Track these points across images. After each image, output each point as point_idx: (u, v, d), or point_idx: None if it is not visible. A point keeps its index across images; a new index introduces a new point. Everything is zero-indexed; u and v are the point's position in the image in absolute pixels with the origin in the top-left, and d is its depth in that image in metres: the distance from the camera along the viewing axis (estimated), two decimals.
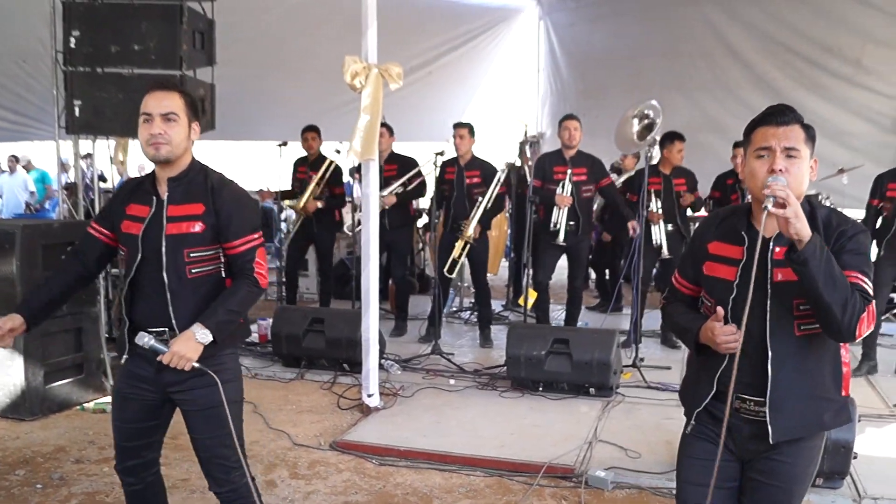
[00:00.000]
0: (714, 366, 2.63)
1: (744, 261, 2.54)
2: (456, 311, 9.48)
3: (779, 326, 2.51)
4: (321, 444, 5.38)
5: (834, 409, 2.61)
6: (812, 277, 2.31)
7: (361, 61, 5.50)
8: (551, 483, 4.77)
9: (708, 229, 2.77)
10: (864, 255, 2.51)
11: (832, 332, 2.44)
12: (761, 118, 2.54)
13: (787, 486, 2.64)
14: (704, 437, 2.69)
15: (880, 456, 5.18)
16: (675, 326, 2.91)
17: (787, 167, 2.44)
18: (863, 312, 2.38)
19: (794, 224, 2.30)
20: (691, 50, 10.58)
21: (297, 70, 10.06)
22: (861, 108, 9.93)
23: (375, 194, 5.81)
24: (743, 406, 2.60)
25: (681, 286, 2.88)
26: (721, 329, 2.50)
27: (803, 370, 2.54)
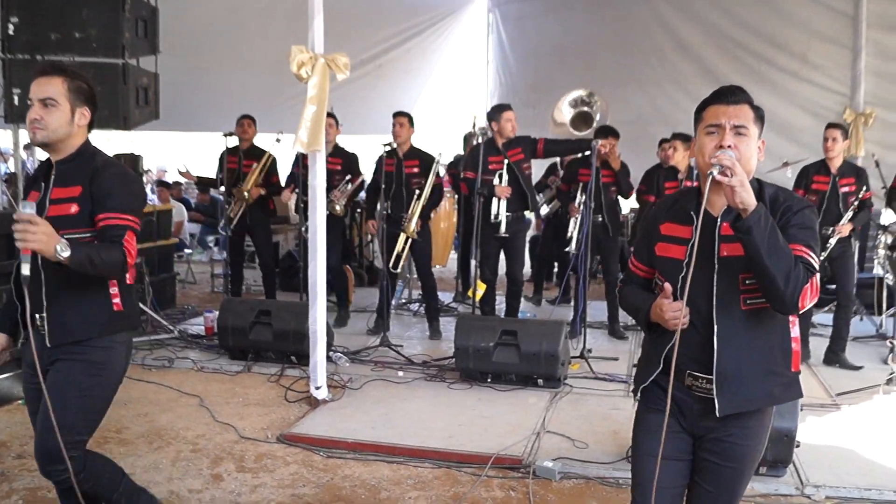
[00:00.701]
0: (663, 343, 2.67)
1: (693, 239, 2.58)
2: (405, 303, 9.47)
3: (725, 301, 2.56)
4: (268, 437, 5.33)
5: (783, 383, 2.65)
6: (756, 246, 2.35)
7: (308, 51, 5.45)
8: (499, 474, 4.77)
9: (661, 212, 2.82)
10: (809, 229, 2.56)
11: (776, 303, 2.47)
12: (713, 97, 2.61)
13: (737, 466, 2.68)
14: (656, 409, 2.72)
15: (822, 444, 5.26)
16: (629, 307, 2.92)
17: (736, 144, 2.49)
18: (806, 284, 2.42)
19: (740, 193, 2.34)
20: (642, 44, 10.66)
21: (245, 60, 9.96)
22: (806, 103, 10.09)
23: (322, 185, 5.77)
24: (695, 384, 2.64)
25: (636, 269, 2.94)
26: (669, 305, 2.57)
27: (750, 344, 2.58)
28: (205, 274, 11.24)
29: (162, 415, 5.70)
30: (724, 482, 2.71)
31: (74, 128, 3.11)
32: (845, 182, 6.81)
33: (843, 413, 5.96)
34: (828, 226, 6.79)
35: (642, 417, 2.84)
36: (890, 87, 9.60)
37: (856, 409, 6.04)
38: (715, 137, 2.54)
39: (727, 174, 2.36)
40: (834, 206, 6.83)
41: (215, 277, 10.56)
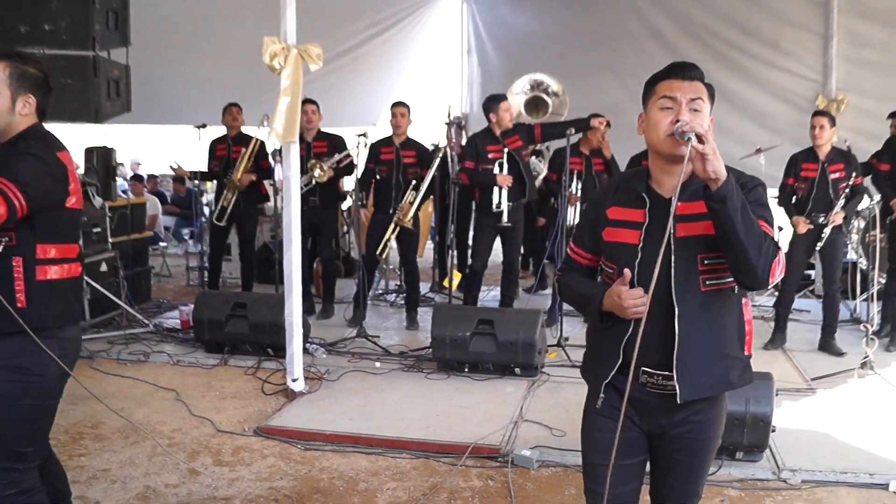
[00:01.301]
0: (619, 333, 2.53)
1: (647, 223, 2.49)
2: (381, 294, 9.45)
3: (684, 283, 2.44)
4: (245, 430, 5.31)
5: (739, 368, 2.58)
6: (730, 217, 2.25)
7: (280, 42, 5.42)
8: (477, 463, 4.78)
9: (605, 196, 2.68)
10: (765, 205, 2.48)
11: (746, 277, 2.38)
12: (667, 71, 2.51)
13: (700, 457, 2.64)
14: (609, 416, 2.59)
15: (798, 428, 5.31)
16: (574, 296, 2.77)
17: (692, 119, 2.38)
18: (775, 257, 2.36)
19: (713, 161, 2.23)
20: (616, 32, 10.66)
21: (218, 52, 9.86)
22: (779, 90, 10.14)
23: (296, 177, 5.73)
24: (650, 381, 2.53)
25: (578, 256, 2.76)
26: (629, 293, 2.42)
27: (710, 327, 2.49)
28: (180, 267, 11.18)
29: (138, 409, 5.65)
30: (689, 473, 2.66)
31: (16, 116, 3.01)
32: (834, 168, 6.80)
33: (818, 397, 6.02)
34: (818, 213, 6.82)
35: (594, 420, 2.68)
36: (861, 73, 9.66)
37: (831, 393, 6.10)
38: (670, 112, 2.42)
39: (703, 141, 2.24)
40: (823, 194, 6.83)
41: (191, 270, 10.50)
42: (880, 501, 4.40)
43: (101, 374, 6.43)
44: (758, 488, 4.53)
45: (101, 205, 7.82)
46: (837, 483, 4.58)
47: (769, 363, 6.75)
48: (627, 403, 2.46)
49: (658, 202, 2.48)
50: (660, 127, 2.43)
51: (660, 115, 2.45)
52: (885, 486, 4.51)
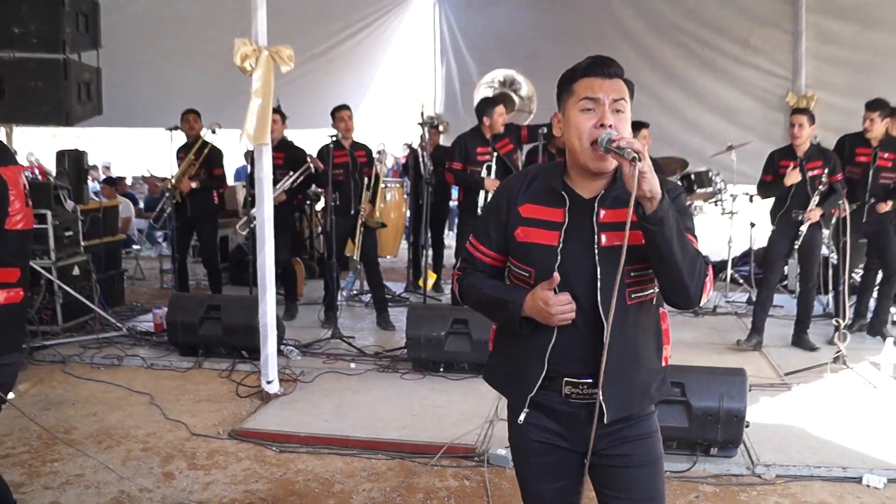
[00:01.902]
0: (542, 342, 2.32)
1: (566, 224, 2.29)
2: (356, 295, 9.43)
3: (610, 296, 2.20)
4: (220, 433, 5.28)
5: (658, 380, 2.43)
6: (667, 239, 2.11)
7: (251, 44, 5.39)
8: (453, 463, 4.78)
9: (515, 190, 2.43)
10: (689, 216, 2.34)
11: (679, 298, 2.25)
12: (586, 68, 2.27)
13: (647, 465, 2.43)
14: (537, 439, 2.43)
15: (772, 423, 5.35)
16: (483, 299, 2.47)
17: (615, 123, 2.22)
18: (706, 276, 2.23)
19: (650, 180, 2.06)
20: (587, 32, 10.67)
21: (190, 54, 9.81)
22: (749, 87, 10.22)
23: (269, 178, 5.70)
24: (574, 391, 2.33)
25: (482, 255, 2.51)
26: (556, 299, 2.23)
27: (633, 341, 2.32)
28: (154, 270, 11.11)
29: (111, 414, 5.62)
30: (642, 485, 2.42)
31: None
32: (812, 166, 6.84)
33: (792, 392, 6.06)
34: (797, 210, 6.86)
35: (523, 446, 2.49)
36: (830, 70, 9.75)
37: (805, 388, 6.15)
38: (592, 115, 2.23)
39: (639, 158, 2.06)
40: (802, 191, 6.87)
41: (164, 273, 10.44)
42: (853, 495, 4.43)
43: (74, 378, 6.39)
44: (732, 484, 4.55)
45: (73, 208, 7.75)
46: (811, 477, 4.62)
47: (743, 359, 6.82)
48: (551, 419, 2.38)
49: (577, 202, 2.30)
50: (582, 132, 2.24)
51: (581, 117, 2.25)
52: (858, 480, 4.56)
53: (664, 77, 10.42)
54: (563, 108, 2.33)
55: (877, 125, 7.08)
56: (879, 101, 7.09)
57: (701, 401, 4.61)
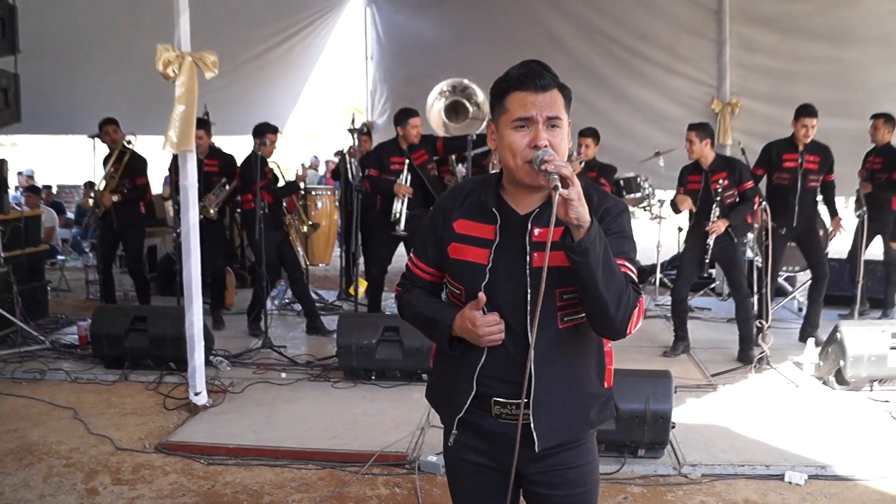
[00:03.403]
0: (471, 363, 2.26)
1: (497, 242, 2.21)
2: (288, 304, 9.35)
3: (541, 318, 2.12)
4: (146, 446, 5.18)
5: (599, 405, 2.34)
6: (591, 270, 2.01)
7: (174, 50, 5.31)
8: (384, 471, 4.76)
9: (451, 206, 2.35)
10: (628, 238, 2.25)
11: (603, 329, 2.17)
12: (517, 80, 2.15)
13: (583, 488, 2.37)
14: (468, 459, 2.39)
15: (699, 424, 5.45)
16: (418, 317, 2.41)
17: (551, 139, 2.13)
18: (635, 308, 2.13)
19: (577, 207, 1.97)
20: (516, 38, 10.72)
21: (114, 60, 9.64)
22: (676, 94, 10.38)
23: (194, 186, 5.62)
24: (504, 412, 2.26)
25: (420, 271, 2.45)
26: (483, 319, 2.17)
27: (567, 365, 2.25)
28: (80, 281, 10.88)
29: (33, 430, 5.47)
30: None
31: None
32: (717, 177, 6.92)
33: (718, 393, 6.18)
34: (706, 221, 6.94)
35: (454, 465, 2.46)
36: (753, 77, 9.95)
37: (730, 388, 6.28)
38: (526, 133, 2.13)
39: (567, 185, 1.98)
40: (707, 203, 6.95)
41: (91, 284, 10.23)
42: (776, 492, 4.52)
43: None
44: (660, 484, 4.61)
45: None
46: (736, 476, 4.71)
47: (672, 361, 6.95)
48: (481, 439, 2.33)
49: (510, 218, 2.21)
50: (515, 151, 2.15)
51: (514, 136, 2.15)
52: (781, 477, 4.67)
53: (593, 84, 10.52)
54: (496, 121, 2.24)
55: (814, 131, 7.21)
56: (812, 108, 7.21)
57: (627, 403, 4.65)
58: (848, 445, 5.08)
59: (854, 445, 5.08)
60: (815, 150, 7.27)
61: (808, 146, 7.24)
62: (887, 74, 9.21)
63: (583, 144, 7.55)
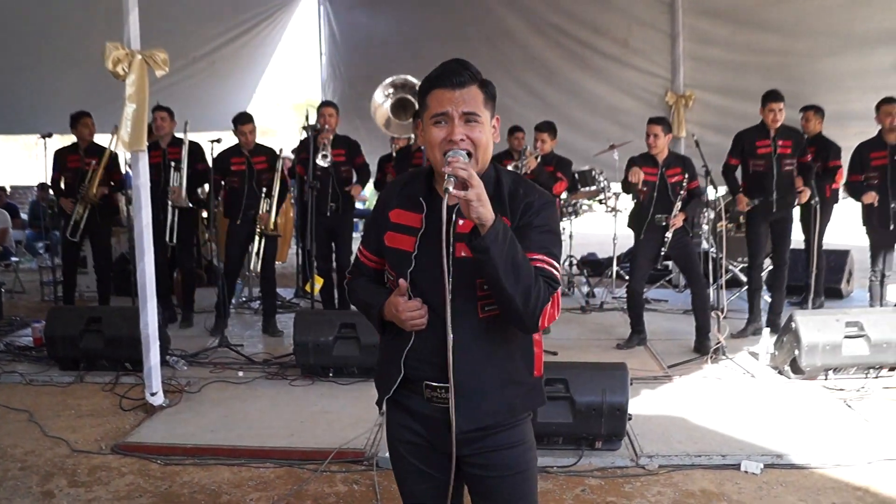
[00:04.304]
0: (400, 346, 2.37)
1: (422, 230, 2.31)
2: (245, 302, 9.29)
3: (462, 306, 2.25)
4: (102, 448, 5.13)
5: (524, 392, 2.41)
6: (493, 266, 2.10)
7: (123, 48, 5.25)
8: (342, 468, 4.75)
9: (391, 196, 2.47)
10: (551, 232, 2.33)
11: (513, 322, 2.24)
12: (435, 78, 2.28)
13: (515, 472, 2.44)
14: (404, 440, 2.49)
15: (656, 415, 5.50)
16: (359, 303, 2.55)
17: (468, 135, 2.23)
18: (547, 303, 2.20)
19: (476, 208, 2.06)
20: (470, 33, 10.73)
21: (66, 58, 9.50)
22: (630, 87, 10.40)
23: (146, 186, 5.56)
24: (434, 395, 2.34)
25: (366, 259, 2.57)
26: (405, 304, 2.28)
27: (490, 353, 2.33)
28: (34, 282, 10.73)
29: None
30: (507, 494, 2.45)
31: None
32: (672, 172, 7.04)
33: (675, 384, 6.24)
34: (661, 215, 7.02)
35: (394, 447, 2.54)
36: (707, 69, 9.99)
37: (686, 379, 6.35)
38: (444, 128, 2.24)
39: (463, 185, 2.07)
40: (664, 197, 7.04)
41: (45, 285, 10.10)
42: (732, 481, 4.57)
43: None
44: (617, 476, 4.65)
45: None
46: (692, 466, 4.75)
47: (629, 353, 7.00)
48: (416, 421, 2.42)
49: (437, 208, 2.22)
50: (434, 145, 2.26)
51: (433, 131, 2.26)
52: (737, 466, 4.72)
53: (547, 77, 10.54)
54: (422, 118, 2.35)
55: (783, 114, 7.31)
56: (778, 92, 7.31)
57: (584, 396, 4.70)
58: (803, 434, 5.14)
59: (809, 434, 5.15)
60: (786, 134, 7.37)
61: (779, 131, 7.33)
62: (836, 65, 9.32)
63: (539, 139, 7.57)
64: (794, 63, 9.51)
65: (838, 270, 9.19)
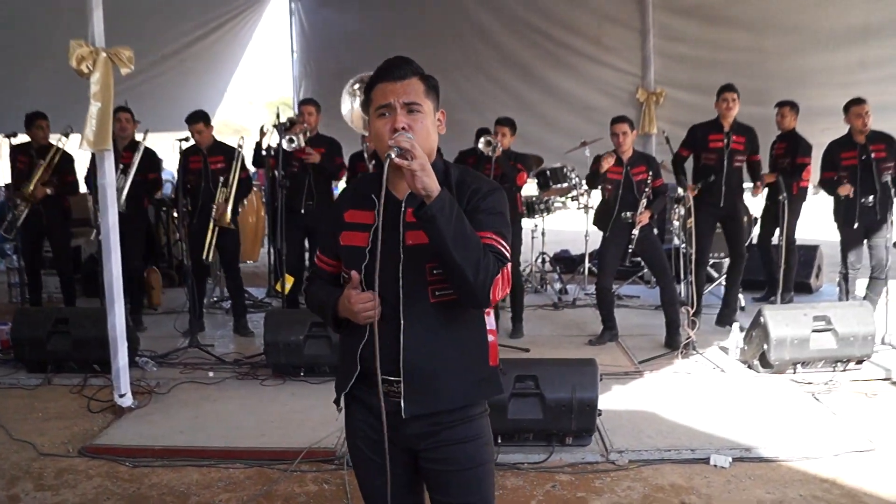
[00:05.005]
0: (356, 342, 2.41)
1: (375, 224, 2.32)
2: (216, 302, 9.24)
3: (413, 293, 2.33)
4: (70, 451, 5.08)
5: (478, 380, 2.45)
6: (440, 235, 2.15)
7: (88, 45, 5.20)
8: (313, 467, 4.73)
9: (345, 199, 2.57)
10: (499, 214, 2.38)
11: (465, 296, 2.28)
12: (378, 74, 2.38)
13: (469, 468, 2.46)
14: (364, 436, 2.51)
15: (626, 410, 5.52)
16: (315, 304, 2.61)
17: (411, 123, 2.31)
18: (497, 275, 2.25)
19: (421, 178, 2.14)
20: (442, 31, 10.72)
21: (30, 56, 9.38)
22: (602, 84, 10.43)
23: (112, 185, 5.51)
24: (391, 390, 2.37)
25: (323, 263, 2.63)
26: (357, 297, 2.32)
27: (443, 340, 2.37)
28: (2, 284, 10.60)
29: None
30: (461, 489, 2.47)
31: None
32: (637, 171, 7.08)
33: (645, 380, 6.27)
34: (627, 212, 7.06)
35: (354, 443, 2.57)
36: (676, 66, 10.04)
37: (657, 374, 6.38)
38: (388, 120, 2.33)
39: (406, 157, 2.14)
40: (629, 195, 7.08)
41: (13, 287, 9.97)
42: (701, 475, 4.60)
43: None
44: (588, 472, 4.66)
45: None
46: (662, 461, 4.78)
47: (600, 349, 7.02)
48: (374, 417, 2.39)
49: (389, 203, 2.31)
50: (380, 137, 2.34)
51: (378, 123, 2.36)
52: (706, 460, 4.75)
53: (520, 75, 10.55)
54: (368, 115, 2.44)
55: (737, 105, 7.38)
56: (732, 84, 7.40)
57: (554, 392, 4.70)
58: (772, 427, 5.18)
59: (778, 427, 5.19)
60: (740, 130, 7.45)
61: (733, 127, 7.40)
62: (804, 62, 9.39)
63: (500, 132, 7.56)
64: (762, 60, 9.56)
65: (808, 265, 9.24)
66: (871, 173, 7.26)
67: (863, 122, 7.24)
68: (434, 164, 2.35)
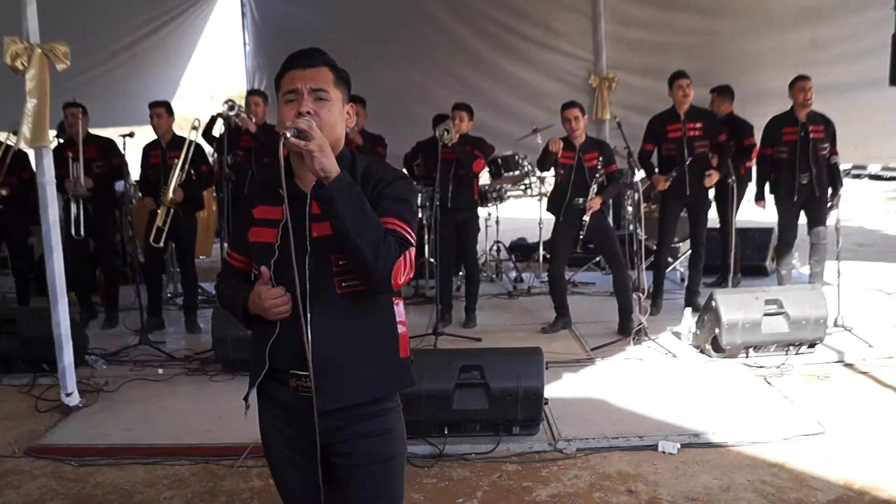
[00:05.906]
0: (266, 338, 2.39)
1: (284, 219, 2.30)
2: (170, 298, 9.15)
3: (319, 286, 2.32)
4: (15, 451, 5.02)
5: (389, 371, 2.44)
6: (338, 216, 2.15)
7: (22, 42, 5.12)
8: (258, 463, 4.68)
9: (254, 195, 2.56)
10: (404, 201, 2.38)
11: (367, 280, 2.26)
12: (288, 62, 2.39)
13: (379, 463, 2.46)
14: (273, 430, 2.53)
15: (576, 398, 5.54)
16: (226, 302, 2.60)
17: (317, 110, 2.31)
18: (399, 258, 2.24)
19: (319, 158, 2.14)
20: (392, 20, 10.61)
21: None
22: (553, 70, 10.36)
23: (52, 183, 5.43)
24: (300, 384, 2.36)
25: (233, 260, 2.61)
26: (268, 292, 2.31)
27: (350, 330, 2.37)
28: None
29: None
30: (367, 484, 2.45)
31: None
32: (589, 157, 7.09)
33: (597, 367, 6.29)
34: (579, 197, 7.08)
35: (266, 439, 2.57)
36: (629, 51, 9.99)
37: (609, 361, 6.40)
38: (294, 105, 2.31)
39: (303, 138, 2.14)
40: (581, 181, 7.09)
41: None
42: (649, 462, 4.62)
43: None
44: (535, 461, 4.67)
45: None
46: (610, 448, 4.80)
47: (553, 337, 7.04)
48: (283, 410, 2.44)
49: (295, 196, 2.34)
50: (285, 122, 2.29)
51: (285, 109, 2.34)
52: (654, 447, 4.77)
53: (470, 63, 10.46)
54: (278, 101, 2.42)
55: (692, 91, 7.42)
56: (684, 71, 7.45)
57: (499, 382, 4.70)
58: (722, 412, 5.21)
59: (728, 412, 5.22)
60: (696, 116, 7.48)
61: (689, 114, 7.43)
62: (757, 43, 9.37)
63: (457, 117, 7.53)
64: (714, 42, 9.58)
65: (762, 248, 9.30)
66: (807, 152, 7.40)
67: (804, 97, 7.34)
68: (341, 154, 2.36)
